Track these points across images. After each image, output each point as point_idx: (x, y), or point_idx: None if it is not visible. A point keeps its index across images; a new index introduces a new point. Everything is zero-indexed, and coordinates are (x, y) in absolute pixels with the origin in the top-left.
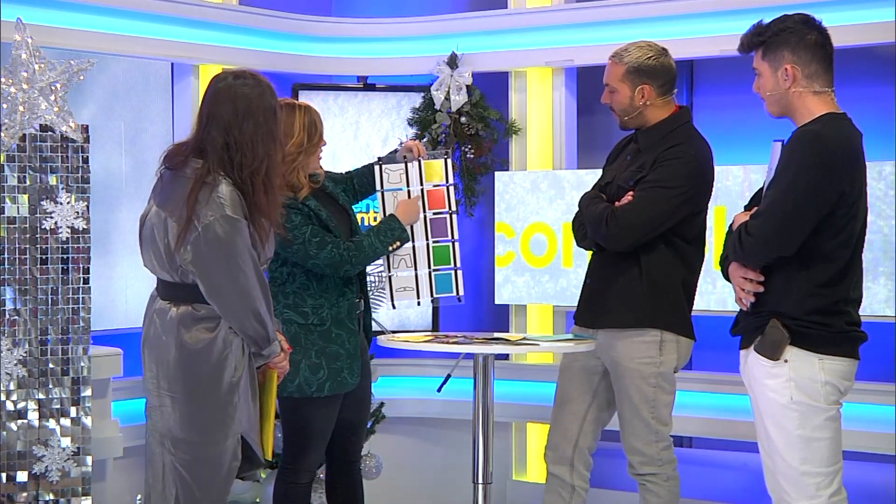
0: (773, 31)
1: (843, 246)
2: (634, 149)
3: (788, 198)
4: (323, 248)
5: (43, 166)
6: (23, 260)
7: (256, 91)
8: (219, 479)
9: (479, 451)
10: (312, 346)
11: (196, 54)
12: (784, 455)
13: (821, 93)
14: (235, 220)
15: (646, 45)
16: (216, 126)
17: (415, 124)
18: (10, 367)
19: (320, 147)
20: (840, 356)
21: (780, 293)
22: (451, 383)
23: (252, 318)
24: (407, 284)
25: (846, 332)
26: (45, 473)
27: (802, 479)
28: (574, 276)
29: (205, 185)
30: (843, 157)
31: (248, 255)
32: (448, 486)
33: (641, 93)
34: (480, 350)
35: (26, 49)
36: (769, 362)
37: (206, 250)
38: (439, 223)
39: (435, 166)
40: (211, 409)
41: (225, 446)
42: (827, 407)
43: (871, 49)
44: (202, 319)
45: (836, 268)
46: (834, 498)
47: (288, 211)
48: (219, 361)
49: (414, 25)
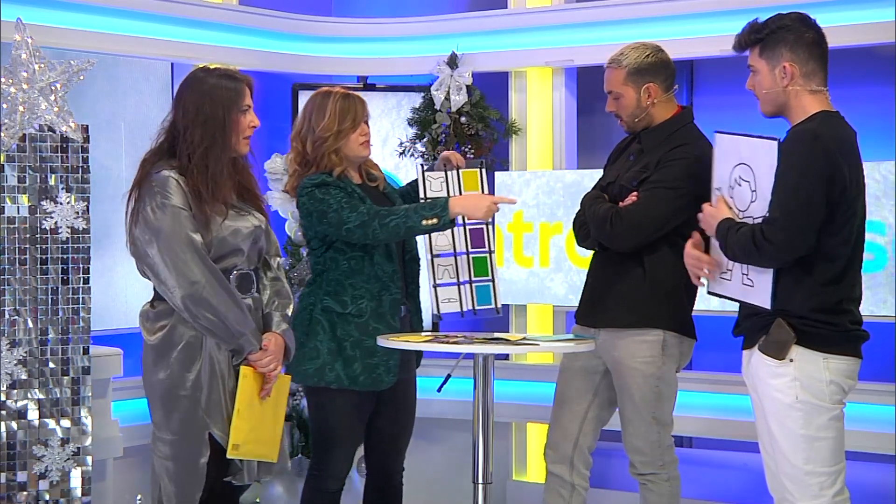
0: (771, 29)
1: (843, 243)
2: (637, 149)
3: (798, 200)
4: (355, 210)
5: (43, 166)
6: (23, 260)
7: (205, 79)
8: (187, 476)
9: (479, 451)
10: (348, 338)
11: (196, 54)
12: (788, 455)
13: (816, 91)
14: (168, 206)
15: (640, 45)
16: (171, 115)
17: (415, 124)
18: (10, 367)
19: (355, 135)
20: (845, 355)
21: (784, 293)
22: (451, 383)
23: (202, 308)
24: (451, 296)
25: (850, 331)
26: (45, 473)
27: (806, 479)
28: (575, 276)
29: (147, 174)
30: (841, 154)
31: (185, 242)
32: (448, 486)
33: (647, 92)
34: (480, 350)
35: (26, 49)
36: (774, 362)
37: (139, 236)
38: (477, 233)
39: (472, 176)
40: (172, 405)
41: (190, 443)
42: (831, 406)
43: (871, 49)
44: (159, 316)
45: (839, 266)
46: (837, 497)
47: (326, 187)
48: (178, 357)
49: (414, 25)
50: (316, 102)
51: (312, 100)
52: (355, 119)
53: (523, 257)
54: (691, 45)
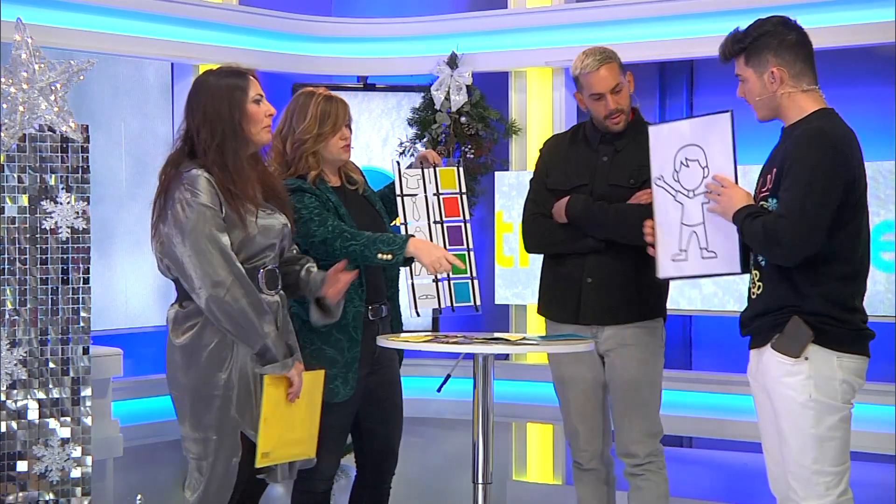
0: (754, 36)
1: (852, 239)
2: (609, 150)
3: (809, 199)
4: (323, 225)
5: (43, 166)
6: (23, 260)
7: (207, 80)
8: (221, 475)
9: (479, 451)
10: (309, 345)
11: (196, 54)
12: (796, 454)
13: (809, 90)
14: (197, 204)
15: (598, 47)
16: (184, 122)
17: (415, 124)
18: (10, 366)
19: (335, 138)
20: (856, 354)
21: (796, 290)
22: (451, 383)
23: (225, 309)
24: (428, 292)
25: (862, 330)
26: (45, 473)
27: (813, 479)
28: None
29: (177, 173)
30: (848, 150)
31: (212, 241)
32: (448, 486)
33: (631, 83)
34: (480, 350)
35: (26, 49)
36: (790, 360)
37: (166, 233)
38: (455, 231)
39: (449, 174)
40: (203, 406)
41: (223, 443)
42: (842, 406)
43: (871, 49)
44: (188, 317)
45: (850, 263)
46: (842, 497)
47: (302, 194)
48: (209, 357)
49: (414, 25)
50: (298, 102)
51: (296, 99)
52: (336, 123)
53: (524, 257)
54: (691, 45)
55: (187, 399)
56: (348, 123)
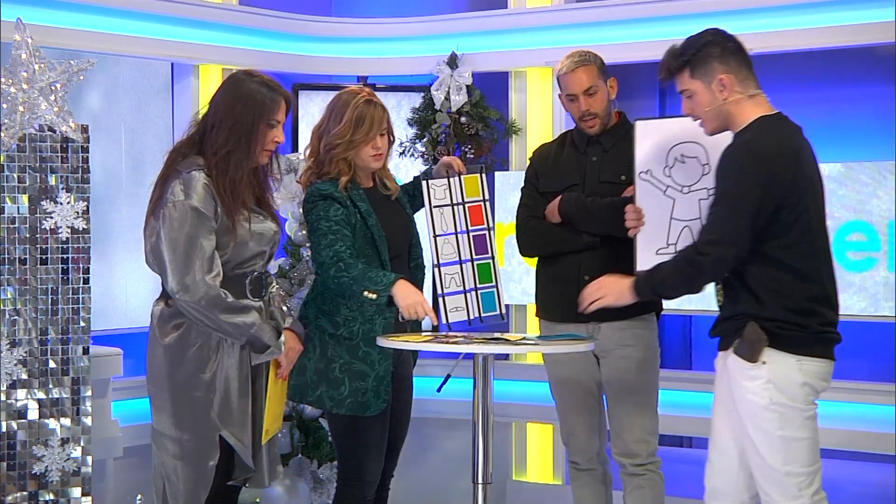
0: (696, 48)
1: (793, 245)
2: (598, 150)
3: (725, 209)
4: (332, 246)
5: (43, 166)
6: (23, 260)
7: (243, 81)
8: (195, 477)
9: (479, 451)
10: (338, 359)
11: (196, 54)
12: (766, 457)
13: (755, 95)
14: (188, 205)
15: (581, 50)
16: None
17: (415, 124)
18: (10, 367)
19: (367, 147)
20: (817, 357)
21: (752, 296)
22: (451, 383)
23: (202, 315)
24: (458, 304)
25: (820, 333)
26: (45, 473)
27: (785, 480)
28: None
29: (176, 170)
30: (773, 159)
31: (194, 245)
32: (448, 486)
33: (613, 89)
34: (480, 350)
35: (26, 49)
36: (748, 364)
37: (154, 227)
38: (480, 240)
39: (473, 181)
40: (184, 406)
41: (200, 444)
42: (805, 407)
43: (871, 49)
44: (173, 315)
45: (802, 267)
46: (815, 497)
47: (331, 202)
48: (192, 358)
49: (414, 25)
50: (340, 101)
51: (337, 97)
52: (369, 132)
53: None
54: None
55: (169, 398)
56: (383, 132)
